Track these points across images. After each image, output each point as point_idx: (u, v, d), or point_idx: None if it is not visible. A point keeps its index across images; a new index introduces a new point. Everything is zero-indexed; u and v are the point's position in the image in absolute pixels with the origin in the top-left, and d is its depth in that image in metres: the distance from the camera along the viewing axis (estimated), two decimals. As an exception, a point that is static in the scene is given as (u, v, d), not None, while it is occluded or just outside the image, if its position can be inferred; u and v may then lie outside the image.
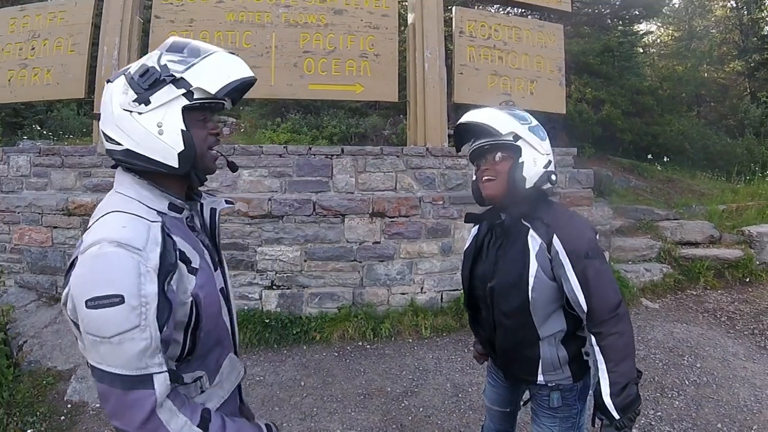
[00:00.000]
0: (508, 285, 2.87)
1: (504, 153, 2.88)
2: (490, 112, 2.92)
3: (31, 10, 9.24)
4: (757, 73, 28.62)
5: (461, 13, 9.36)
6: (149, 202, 2.02)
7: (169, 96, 1.96)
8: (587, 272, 2.69)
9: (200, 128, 2.10)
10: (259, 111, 20.19)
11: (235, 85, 2.05)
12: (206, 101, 2.04)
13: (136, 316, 1.74)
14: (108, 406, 1.80)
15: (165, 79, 1.96)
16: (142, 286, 1.77)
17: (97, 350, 1.77)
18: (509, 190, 2.87)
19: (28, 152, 8.34)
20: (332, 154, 8.20)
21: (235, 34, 8.65)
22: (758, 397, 5.81)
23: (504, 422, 3.56)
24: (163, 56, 2.02)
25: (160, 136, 1.96)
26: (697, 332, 7.54)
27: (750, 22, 30.47)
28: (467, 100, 9.30)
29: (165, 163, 1.99)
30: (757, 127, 24.20)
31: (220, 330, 2.24)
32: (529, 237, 2.82)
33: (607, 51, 18.88)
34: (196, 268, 2.04)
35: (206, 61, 2.03)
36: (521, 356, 2.96)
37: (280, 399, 5.93)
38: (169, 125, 1.97)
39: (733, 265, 9.68)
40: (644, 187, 14.92)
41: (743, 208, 12.22)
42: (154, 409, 1.77)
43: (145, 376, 1.77)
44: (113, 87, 2.00)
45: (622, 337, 2.69)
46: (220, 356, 2.25)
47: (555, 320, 2.86)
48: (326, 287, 7.79)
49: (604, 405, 2.66)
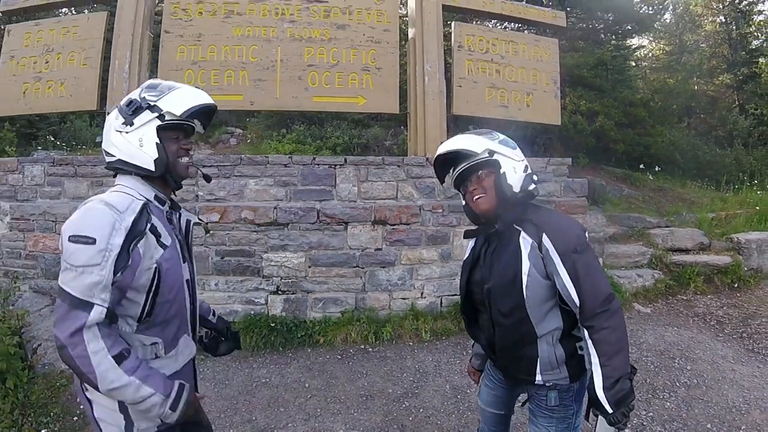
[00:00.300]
0: (503, 285, 2.94)
1: (485, 170, 3.02)
2: (461, 138, 3.12)
3: (45, 24, 9.26)
4: (746, 85, 28.72)
5: (460, 28, 9.39)
6: (140, 191, 2.63)
7: (147, 118, 2.62)
8: (577, 266, 2.76)
9: (173, 143, 2.72)
10: (265, 122, 20.20)
11: (196, 109, 2.69)
12: (175, 122, 2.67)
13: (100, 257, 2.31)
14: (56, 315, 2.32)
15: (143, 106, 2.63)
16: (112, 237, 2.35)
17: (65, 274, 2.33)
18: (500, 201, 2.98)
19: (42, 162, 8.35)
20: (335, 164, 8.21)
21: (242, 48, 8.66)
22: (746, 398, 5.82)
23: (498, 425, 3.60)
24: (143, 92, 2.68)
25: (141, 148, 2.60)
26: (687, 336, 7.55)
27: (738, 37, 30.60)
28: (466, 112, 9.37)
29: (145, 167, 2.61)
30: (746, 138, 24.34)
31: (180, 306, 2.76)
32: (521, 239, 2.90)
33: (600, 64, 18.92)
34: (166, 245, 2.63)
35: (174, 93, 2.69)
36: (520, 355, 3.00)
37: (285, 400, 5.94)
38: (147, 140, 2.61)
39: (722, 271, 9.69)
40: (636, 196, 14.93)
41: (732, 216, 12.24)
42: (82, 328, 2.26)
43: (87, 303, 2.29)
44: (111, 117, 2.69)
45: (614, 332, 2.72)
46: (178, 331, 2.77)
47: (551, 318, 2.91)
48: (330, 292, 7.80)
49: (597, 399, 2.68)
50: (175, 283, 2.67)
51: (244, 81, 8.55)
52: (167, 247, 2.62)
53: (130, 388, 2.35)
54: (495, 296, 3.01)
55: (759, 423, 5.35)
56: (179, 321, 2.74)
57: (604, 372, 2.67)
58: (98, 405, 2.55)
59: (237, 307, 7.64)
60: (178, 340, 2.75)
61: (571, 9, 19.37)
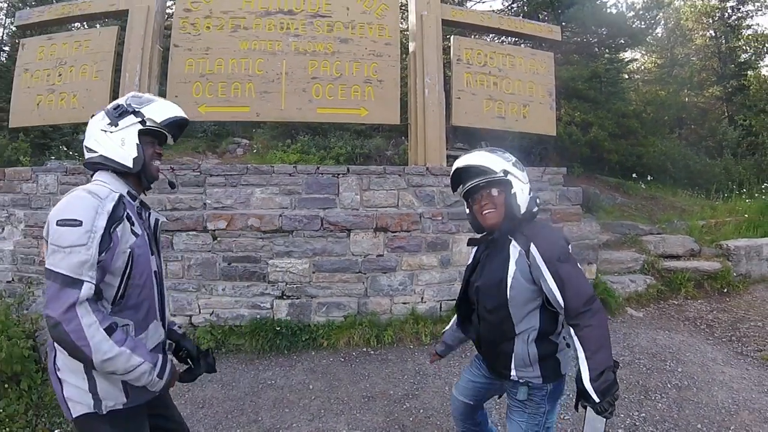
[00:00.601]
0: (490, 285, 3.24)
1: (498, 187, 3.26)
2: (482, 154, 3.34)
3: (58, 38, 9.29)
4: (735, 97, 28.83)
5: (459, 42, 9.42)
6: (114, 186, 2.79)
7: (130, 121, 2.84)
8: (560, 272, 2.99)
9: (149, 147, 2.94)
10: (271, 133, 20.26)
11: (173, 119, 2.98)
12: (154, 128, 2.91)
13: (87, 238, 2.47)
14: (47, 296, 2.43)
15: (129, 111, 2.86)
16: (96, 219, 2.53)
17: (54, 256, 2.45)
18: (507, 217, 3.24)
19: (55, 171, 8.36)
20: (339, 173, 8.23)
21: (248, 61, 8.69)
22: (735, 399, 5.83)
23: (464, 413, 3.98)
24: (128, 99, 2.92)
25: (122, 147, 2.82)
26: (678, 339, 7.56)
27: (728, 50, 30.71)
28: (465, 123, 9.42)
29: (124, 164, 2.82)
30: (735, 148, 24.40)
31: (149, 292, 2.89)
32: (511, 247, 3.17)
33: (594, 77, 18.94)
34: (138, 233, 2.79)
35: (156, 103, 2.97)
36: (500, 351, 3.30)
37: (290, 401, 5.95)
38: (129, 140, 2.83)
39: (712, 276, 9.72)
40: (629, 204, 14.96)
41: (721, 224, 12.26)
42: (75, 304, 2.38)
43: (78, 281, 2.42)
44: (96, 118, 2.89)
45: (596, 329, 2.92)
46: (147, 316, 2.88)
47: (530, 319, 3.17)
48: (333, 297, 7.81)
49: (585, 390, 2.88)
50: (145, 269, 2.83)
51: (250, 93, 8.58)
52: (139, 236, 2.79)
53: (122, 357, 2.50)
54: (483, 294, 3.32)
55: (747, 423, 5.36)
56: (148, 305, 2.87)
57: (590, 365, 2.88)
58: (68, 385, 2.67)
59: (243, 311, 7.66)
60: (148, 324, 2.88)
61: (566, 23, 19.45)
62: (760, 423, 5.37)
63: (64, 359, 2.63)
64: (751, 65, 29.63)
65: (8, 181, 8.50)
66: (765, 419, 5.44)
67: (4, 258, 8.05)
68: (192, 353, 3.32)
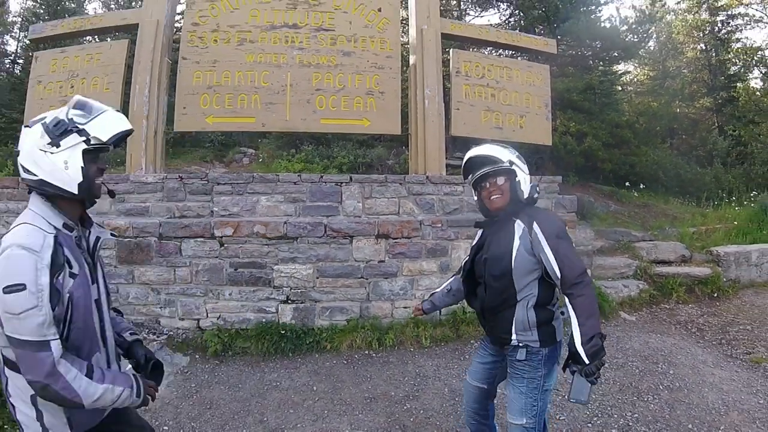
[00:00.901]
0: (497, 256, 3.57)
1: (504, 176, 3.63)
2: (491, 146, 3.74)
3: (70, 51, 9.35)
4: (724, 108, 28.94)
5: (458, 55, 9.46)
6: (49, 218, 2.56)
7: (74, 141, 2.54)
8: (558, 247, 3.38)
9: (92, 164, 2.64)
10: (276, 143, 20.30)
11: (120, 135, 2.67)
12: (99, 146, 2.61)
13: (35, 299, 2.32)
14: (23, 365, 2.37)
15: (72, 129, 2.55)
16: (38, 277, 2.34)
17: (11, 324, 2.33)
18: (511, 202, 3.62)
19: (67, 180, 8.38)
20: (341, 182, 8.28)
21: (254, 73, 8.73)
22: (725, 400, 5.84)
23: (481, 400, 4.08)
24: (70, 112, 2.60)
25: (66, 170, 2.54)
26: (670, 342, 7.57)
27: (718, 63, 30.77)
28: (463, 133, 9.44)
29: (68, 190, 2.56)
30: (724, 158, 24.49)
31: (89, 329, 2.69)
32: (516, 224, 3.54)
33: (589, 89, 18.99)
34: (76, 274, 2.57)
35: (101, 117, 2.64)
36: (502, 316, 3.61)
37: (294, 402, 5.96)
38: (73, 162, 2.54)
39: (702, 281, 9.73)
40: (623, 212, 14.96)
41: (712, 231, 12.30)
42: (54, 363, 2.34)
43: (45, 342, 2.34)
44: (32, 132, 2.57)
45: (588, 299, 3.31)
46: (90, 352, 2.69)
47: (530, 287, 3.52)
48: (336, 301, 7.82)
49: (576, 353, 3.20)
50: (86, 308, 2.65)
51: (256, 104, 8.61)
52: (77, 276, 2.58)
53: (107, 393, 2.53)
54: (490, 264, 3.62)
55: (737, 423, 5.38)
56: (90, 343, 2.71)
57: (582, 330, 3.22)
58: (19, 411, 2.64)
59: (249, 315, 7.68)
60: (90, 359, 2.68)
61: (561, 37, 19.48)
62: (748, 423, 5.39)
63: (13, 387, 2.61)
64: (740, 77, 29.67)
65: (22, 189, 8.46)
66: (753, 419, 5.45)
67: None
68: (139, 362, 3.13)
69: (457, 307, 7.92)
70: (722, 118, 29.35)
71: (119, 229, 7.60)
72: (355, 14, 9.12)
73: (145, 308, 7.66)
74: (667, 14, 34.17)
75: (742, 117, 26.88)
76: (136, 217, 7.97)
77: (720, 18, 31.30)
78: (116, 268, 7.68)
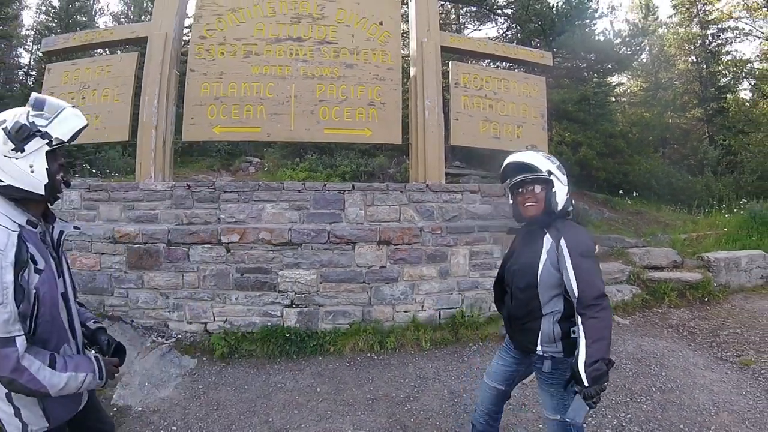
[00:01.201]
0: (524, 267, 3.63)
1: (541, 185, 3.64)
2: (532, 154, 3.72)
3: (82, 64, 9.35)
4: (715, 119, 29.09)
5: (457, 67, 9.48)
6: (13, 216, 2.59)
7: (37, 145, 2.60)
8: (581, 265, 3.34)
9: (54, 162, 2.71)
10: (281, 152, 20.40)
11: (78, 131, 2.74)
12: (60, 145, 2.68)
13: (1, 297, 2.35)
14: None
15: (34, 133, 2.59)
16: (2, 276, 2.38)
17: None
18: (545, 211, 3.63)
19: (79, 188, 8.40)
20: (344, 190, 8.30)
21: (260, 85, 8.74)
22: (715, 401, 5.87)
23: (496, 402, 4.12)
24: (30, 114, 2.63)
25: (32, 174, 2.60)
26: (662, 345, 7.58)
27: (708, 75, 30.91)
28: (462, 143, 9.47)
29: (36, 192, 2.63)
30: (715, 167, 24.62)
31: (56, 322, 2.75)
32: (545, 238, 3.56)
33: (583, 100, 19.09)
34: (41, 270, 2.61)
35: (60, 117, 2.68)
36: (528, 327, 3.64)
37: (298, 403, 5.98)
38: (38, 166, 2.61)
39: (693, 286, 9.76)
40: (616, 219, 15.01)
41: (702, 237, 12.32)
42: (19, 359, 2.40)
43: (10, 338, 2.38)
44: None
45: (601, 322, 3.22)
46: (58, 344, 2.74)
47: (555, 302, 3.54)
48: (339, 306, 7.84)
49: (578, 373, 3.14)
50: (53, 302, 2.70)
51: (261, 115, 8.62)
52: (42, 270, 2.62)
53: (71, 381, 2.60)
54: (517, 276, 3.70)
55: (727, 424, 5.40)
56: (57, 335, 2.76)
57: (588, 352, 3.15)
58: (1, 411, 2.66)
59: (255, 319, 7.69)
60: (59, 350, 2.74)
61: (557, 50, 19.57)
62: (738, 423, 5.41)
63: None
64: (730, 89, 29.84)
65: None
66: (743, 419, 5.47)
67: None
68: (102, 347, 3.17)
69: (456, 311, 8.00)
70: (713, 128, 29.49)
71: (129, 235, 7.64)
72: (357, 28, 9.15)
73: (154, 312, 7.68)
74: (659, 28, 34.37)
75: (732, 127, 27.05)
76: (145, 224, 7.99)
77: (710, 31, 31.47)
78: (126, 273, 7.70)
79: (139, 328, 7.60)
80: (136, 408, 5.89)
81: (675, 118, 29.85)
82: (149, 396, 6.13)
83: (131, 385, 6.24)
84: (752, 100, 29.61)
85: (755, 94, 29.65)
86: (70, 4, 28.94)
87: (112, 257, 7.75)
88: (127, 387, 6.21)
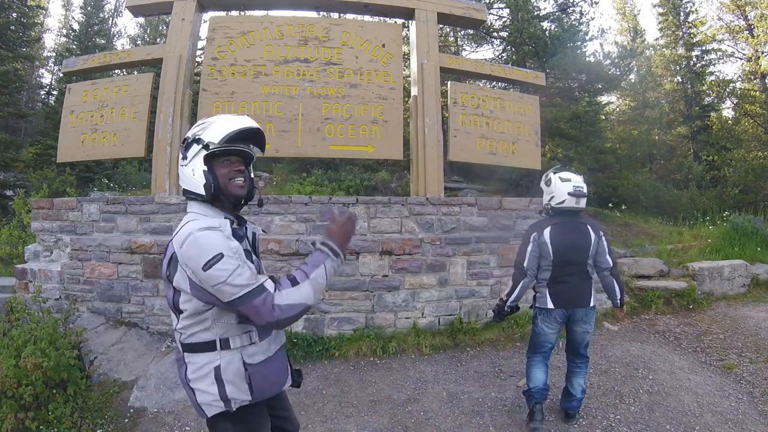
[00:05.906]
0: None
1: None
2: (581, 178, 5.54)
3: (100, 84, 9.41)
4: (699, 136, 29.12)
5: (455, 87, 9.54)
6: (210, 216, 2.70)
7: (195, 150, 2.72)
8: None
9: (223, 167, 2.75)
10: (289, 167, 20.40)
11: (232, 134, 2.69)
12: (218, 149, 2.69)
13: (236, 260, 2.47)
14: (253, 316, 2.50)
15: (191, 141, 2.74)
16: (230, 244, 2.51)
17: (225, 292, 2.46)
18: None
19: (98, 201, 8.47)
20: (349, 203, 8.38)
21: (269, 104, 8.81)
22: (700, 403, 5.88)
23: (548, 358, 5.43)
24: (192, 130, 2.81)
25: (194, 177, 2.71)
26: (649, 350, 7.59)
27: (693, 94, 30.95)
28: (460, 159, 9.52)
29: (198, 193, 2.72)
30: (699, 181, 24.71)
31: None
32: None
33: (575, 118, 19.13)
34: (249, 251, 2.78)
35: (214, 123, 2.75)
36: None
37: (305, 405, 5.99)
38: (197, 169, 2.71)
39: (679, 294, 9.76)
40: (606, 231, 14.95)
41: (688, 248, 12.32)
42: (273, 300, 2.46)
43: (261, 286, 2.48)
44: None
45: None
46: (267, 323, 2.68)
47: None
48: (344, 313, 7.85)
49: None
50: None
51: (270, 132, 8.61)
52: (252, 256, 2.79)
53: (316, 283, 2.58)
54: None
55: (710, 424, 5.41)
56: None
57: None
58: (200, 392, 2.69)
59: (264, 325, 7.65)
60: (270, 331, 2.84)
61: (550, 70, 19.60)
62: (721, 424, 5.43)
63: (193, 371, 2.70)
64: (713, 107, 29.87)
65: (56, 209, 8.62)
66: (726, 420, 5.49)
67: (52, 278, 8.09)
68: None
69: (454, 317, 8.02)
70: (697, 145, 29.47)
71: (145, 246, 7.68)
72: (361, 50, 9.23)
73: (168, 319, 7.63)
74: (646, 49, 34.38)
75: (716, 144, 27.12)
76: (160, 235, 8.04)
77: (695, 53, 31.43)
78: (142, 282, 7.73)
79: (154, 333, 7.63)
80: (151, 409, 5.93)
81: (661, 135, 29.89)
82: (164, 398, 6.16)
83: (147, 387, 6.27)
84: (734, 118, 29.75)
85: (737, 112, 29.71)
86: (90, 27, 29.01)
87: (129, 267, 7.78)
88: (143, 389, 6.24)
